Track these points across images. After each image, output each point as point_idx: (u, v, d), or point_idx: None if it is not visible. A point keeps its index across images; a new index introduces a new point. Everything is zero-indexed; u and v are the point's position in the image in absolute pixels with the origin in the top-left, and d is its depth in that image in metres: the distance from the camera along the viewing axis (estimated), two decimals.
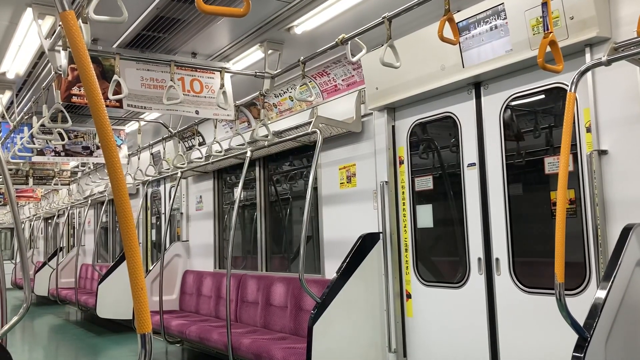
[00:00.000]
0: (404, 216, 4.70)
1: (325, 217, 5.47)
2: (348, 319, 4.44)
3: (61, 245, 13.16)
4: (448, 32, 3.21)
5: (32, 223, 17.26)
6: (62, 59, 4.37)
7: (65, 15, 1.52)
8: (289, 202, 6.73)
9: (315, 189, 5.51)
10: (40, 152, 8.01)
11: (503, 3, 3.62)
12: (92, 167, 11.04)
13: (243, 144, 6.05)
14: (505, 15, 3.63)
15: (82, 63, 1.48)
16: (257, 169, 6.77)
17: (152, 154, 8.68)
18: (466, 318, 4.14)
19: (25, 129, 7.41)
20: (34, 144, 7.20)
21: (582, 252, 3.43)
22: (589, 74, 3.30)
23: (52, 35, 4.42)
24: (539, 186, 3.91)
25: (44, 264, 13.10)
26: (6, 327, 2.87)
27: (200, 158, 6.99)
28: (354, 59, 3.97)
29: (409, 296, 4.63)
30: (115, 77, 4.50)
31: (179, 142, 8.01)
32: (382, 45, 3.71)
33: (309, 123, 5.04)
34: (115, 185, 1.47)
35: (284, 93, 5.85)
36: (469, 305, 4.11)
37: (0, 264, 2.98)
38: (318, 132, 4.67)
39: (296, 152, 6.23)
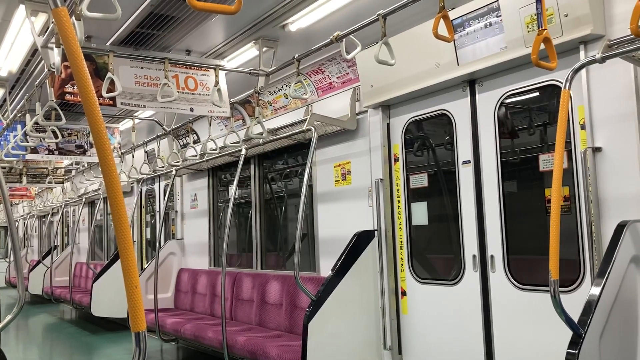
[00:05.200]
0: (399, 214, 4.70)
1: (320, 215, 5.46)
2: (343, 317, 4.44)
3: (55, 244, 13.11)
4: (443, 30, 3.21)
5: (26, 221, 17.19)
6: (55, 56, 4.34)
7: (58, 12, 1.51)
8: (284, 200, 6.73)
9: (310, 186, 5.51)
10: (34, 150, 7.98)
11: (498, 0, 3.62)
12: (86, 165, 11.00)
13: (238, 142, 6.04)
14: (499, 12, 3.64)
15: (75, 60, 1.47)
16: (252, 166, 6.76)
17: (146, 151, 8.65)
18: (461, 315, 4.14)
19: (19, 126, 7.38)
20: (28, 142, 7.17)
21: (576, 249, 3.44)
22: (583, 71, 3.31)
23: (45, 32, 4.39)
24: (533, 183, 3.92)
25: (38, 262, 13.05)
26: (0, 326, 2.85)
27: (195, 156, 6.97)
28: (349, 57, 3.97)
29: (404, 293, 4.63)
30: (109, 74, 4.47)
31: (174, 140, 7.99)
32: (377, 42, 3.71)
33: (304, 121, 5.03)
34: (109, 184, 1.46)
35: (279, 90, 5.84)
36: (464, 302, 4.12)
37: None
38: (313, 129, 4.67)
39: (291, 150, 6.22)
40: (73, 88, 5.08)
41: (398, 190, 4.72)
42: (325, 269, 5.23)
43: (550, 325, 3.46)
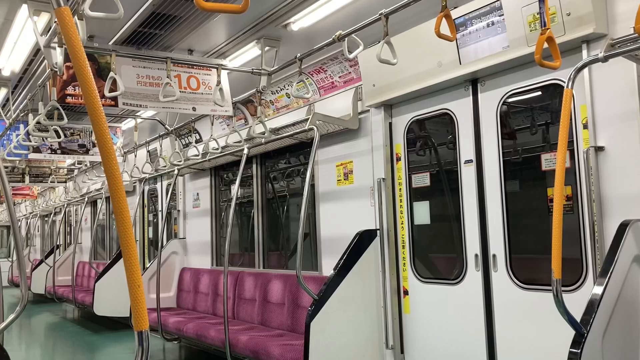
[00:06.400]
0: (401, 213, 4.70)
1: (322, 214, 5.46)
2: (345, 316, 4.44)
3: (58, 243, 13.13)
4: (445, 29, 3.20)
5: (28, 221, 17.22)
6: (57, 56, 4.35)
7: (61, 12, 1.51)
8: (286, 199, 6.73)
9: (312, 186, 5.50)
10: (37, 150, 7.99)
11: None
12: (88, 164, 11.01)
13: (240, 141, 6.04)
14: (502, 11, 3.63)
15: (78, 60, 1.47)
16: (254, 166, 6.76)
17: (148, 151, 8.66)
18: (463, 314, 4.14)
19: (21, 126, 7.39)
20: (30, 141, 7.17)
21: (579, 248, 3.43)
22: (585, 70, 3.30)
23: (48, 32, 4.40)
24: (535, 182, 3.91)
25: (41, 261, 13.07)
26: (3, 325, 2.86)
27: (197, 155, 6.97)
28: (351, 56, 3.97)
29: (406, 293, 4.63)
30: (111, 74, 4.48)
31: (176, 140, 7.99)
32: (379, 41, 3.70)
33: (306, 120, 5.03)
34: (111, 183, 1.47)
35: (281, 90, 5.84)
36: (466, 301, 4.12)
37: None
38: (315, 129, 4.67)
39: (293, 149, 6.22)
40: (74, 90, 5.09)
41: (400, 189, 4.72)
42: (328, 268, 5.23)
43: (553, 324, 3.45)
